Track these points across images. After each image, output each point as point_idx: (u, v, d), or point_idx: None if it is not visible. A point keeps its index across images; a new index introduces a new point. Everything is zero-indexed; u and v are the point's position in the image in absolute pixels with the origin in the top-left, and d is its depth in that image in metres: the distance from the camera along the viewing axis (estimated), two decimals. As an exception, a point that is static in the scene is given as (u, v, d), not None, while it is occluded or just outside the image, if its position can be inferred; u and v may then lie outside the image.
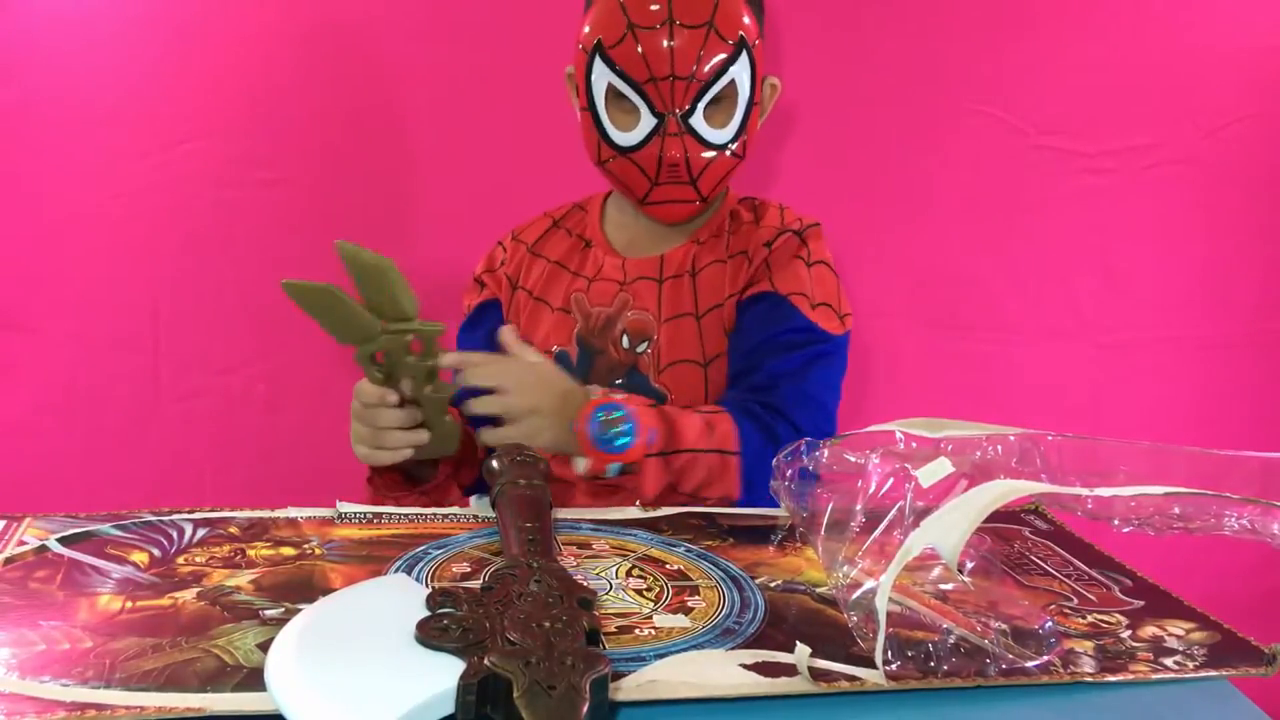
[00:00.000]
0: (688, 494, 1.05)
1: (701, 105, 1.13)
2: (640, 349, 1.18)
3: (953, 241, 1.60)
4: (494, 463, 0.90)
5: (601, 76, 1.14)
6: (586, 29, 1.15)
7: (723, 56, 1.12)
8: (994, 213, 1.60)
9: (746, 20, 1.14)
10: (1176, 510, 0.70)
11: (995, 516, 0.70)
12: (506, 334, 1.11)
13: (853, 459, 0.81)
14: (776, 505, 0.92)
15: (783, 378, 1.12)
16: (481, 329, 1.28)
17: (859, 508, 0.76)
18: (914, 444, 0.81)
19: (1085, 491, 0.71)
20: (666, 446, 1.04)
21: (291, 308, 1.28)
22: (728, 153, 1.16)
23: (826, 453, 0.83)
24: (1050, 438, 0.80)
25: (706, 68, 1.11)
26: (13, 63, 1.41)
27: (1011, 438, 0.80)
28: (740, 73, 1.13)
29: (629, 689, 0.62)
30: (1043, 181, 1.59)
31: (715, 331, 1.19)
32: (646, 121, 1.13)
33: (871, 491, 0.76)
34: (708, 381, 1.18)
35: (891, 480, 0.75)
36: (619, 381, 1.18)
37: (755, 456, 1.05)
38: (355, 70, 1.48)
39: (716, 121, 1.15)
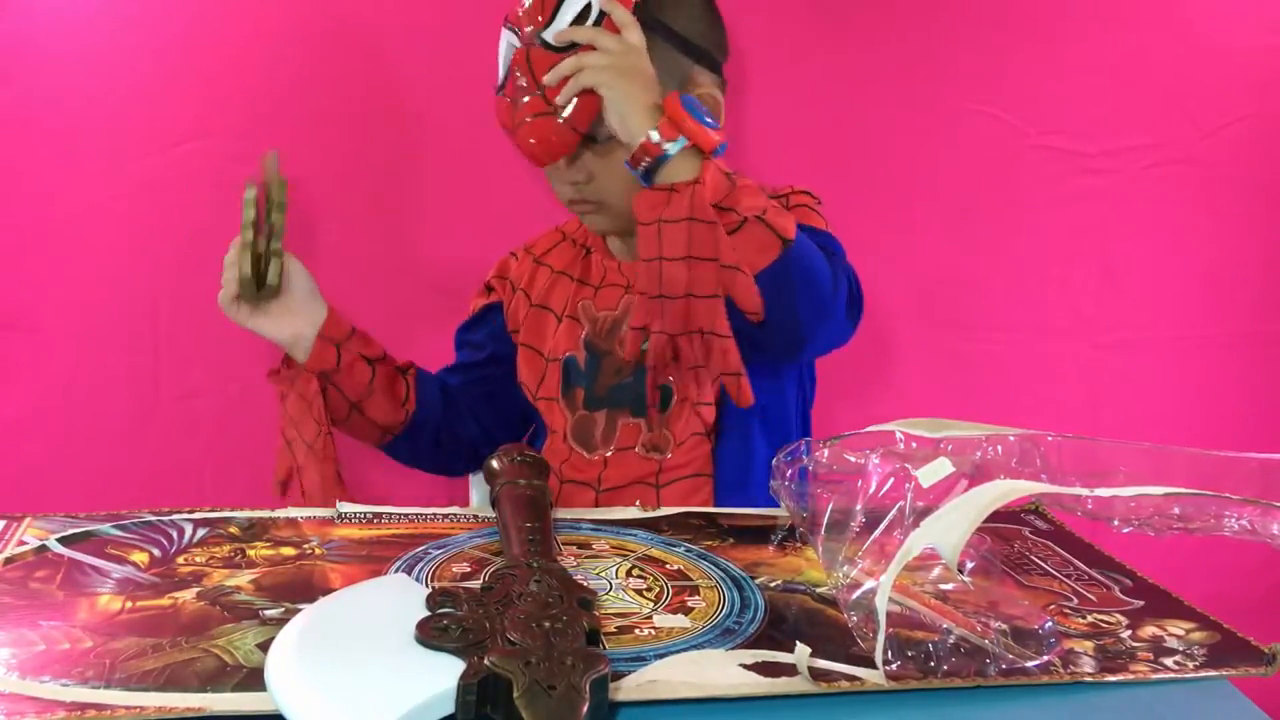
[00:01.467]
0: (739, 220, 0.95)
1: (557, 22, 1.04)
2: (645, 346, 1.17)
3: (952, 241, 1.60)
4: (494, 463, 0.91)
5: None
6: None
7: None
8: (994, 213, 1.60)
9: None
10: (1176, 511, 0.71)
11: (995, 516, 0.70)
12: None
13: (853, 459, 0.81)
14: (776, 505, 0.92)
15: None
16: (483, 329, 1.28)
17: (859, 508, 0.76)
18: (914, 444, 0.81)
19: (1085, 492, 0.71)
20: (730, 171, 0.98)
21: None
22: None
23: (826, 453, 0.83)
24: (1050, 438, 0.80)
25: None
26: (12, 63, 1.40)
27: (1011, 438, 0.80)
28: None
29: (629, 689, 0.63)
30: (1043, 181, 1.59)
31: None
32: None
33: (871, 492, 0.76)
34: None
35: (891, 480, 0.76)
36: (627, 381, 1.17)
37: (805, 243, 0.99)
38: (357, 70, 1.48)
39: None
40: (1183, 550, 1.20)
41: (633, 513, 0.95)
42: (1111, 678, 0.69)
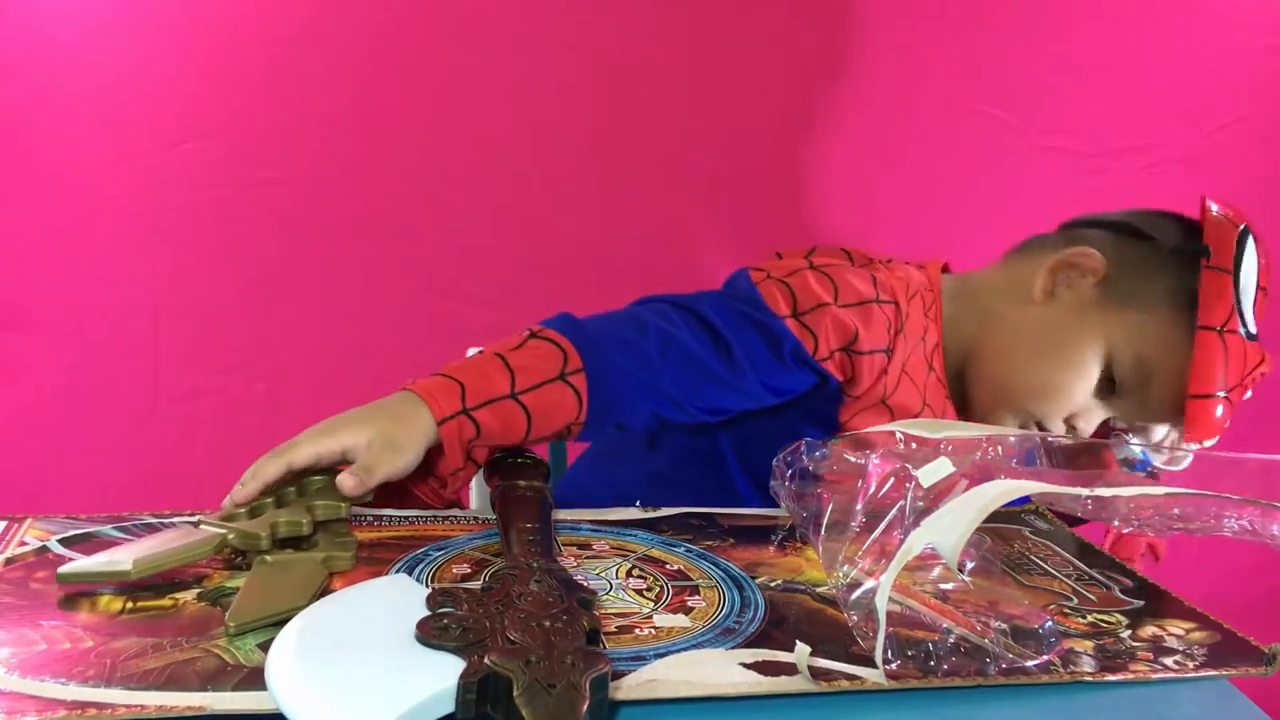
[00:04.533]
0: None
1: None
2: None
3: (953, 241, 1.60)
4: (494, 464, 0.91)
5: None
6: None
7: None
8: (994, 213, 1.60)
9: None
10: (1176, 511, 0.71)
11: (995, 516, 0.70)
12: None
13: (853, 459, 0.81)
14: (776, 505, 0.92)
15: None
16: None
17: (859, 508, 0.76)
18: (914, 444, 0.81)
19: (1085, 491, 0.71)
20: None
21: (291, 307, 1.28)
22: None
23: (827, 453, 0.83)
24: (1050, 439, 0.80)
25: None
26: (12, 62, 1.41)
27: (1011, 439, 0.80)
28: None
29: (629, 688, 0.63)
30: (1043, 181, 1.59)
31: None
32: None
33: (871, 491, 0.76)
34: None
35: (892, 480, 0.76)
36: None
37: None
38: (356, 70, 1.48)
39: None
40: (1185, 551, 1.20)
41: (633, 513, 0.95)
42: (1111, 677, 0.69)
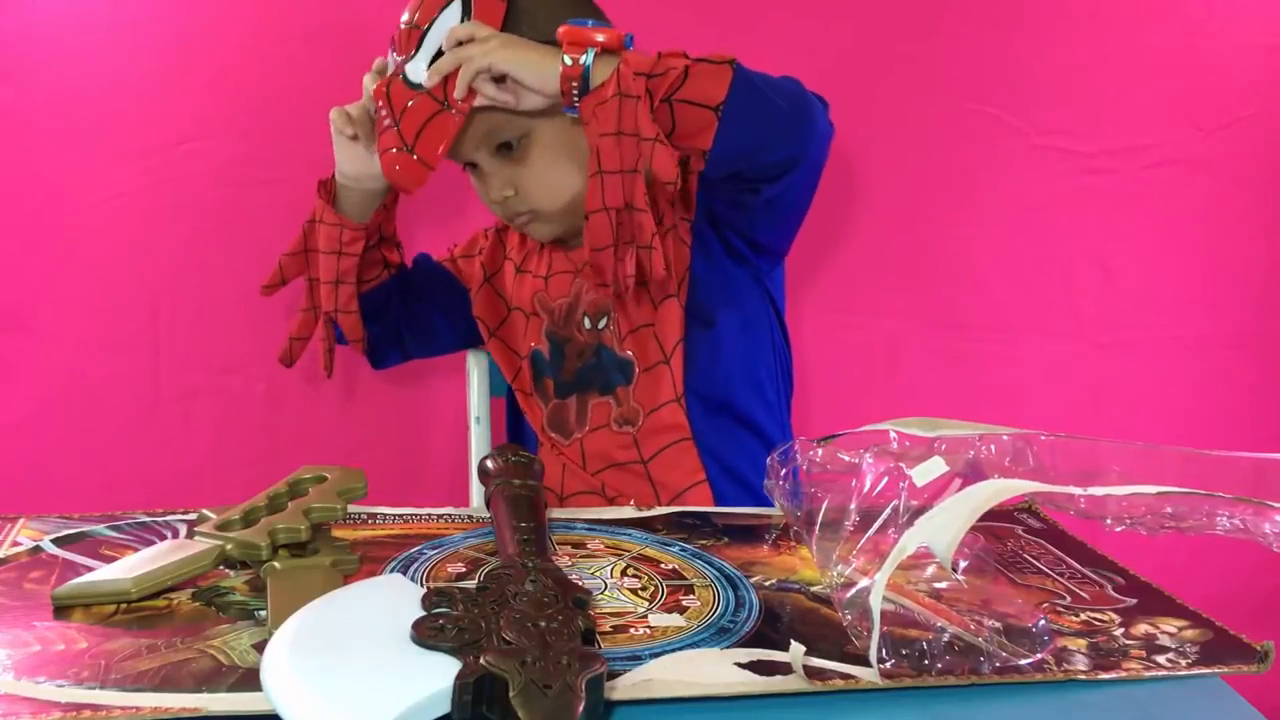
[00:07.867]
0: (680, 70, 0.96)
1: (422, 51, 1.07)
2: (602, 325, 1.19)
3: (953, 241, 1.60)
4: (489, 463, 0.91)
5: None
6: None
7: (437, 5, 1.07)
8: (994, 213, 1.60)
9: None
10: (1169, 510, 0.70)
11: (989, 515, 0.70)
12: None
13: (847, 458, 0.81)
14: (771, 504, 0.92)
15: None
16: (420, 273, 1.29)
17: (853, 507, 0.76)
18: (908, 443, 0.81)
19: (1078, 490, 0.71)
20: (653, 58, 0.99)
21: (291, 307, 1.28)
22: (430, 97, 1.06)
23: (820, 452, 0.83)
24: (1043, 437, 0.80)
25: (421, 14, 1.08)
26: (12, 63, 1.41)
27: (1005, 437, 0.80)
28: (449, 20, 1.06)
29: (624, 688, 0.63)
30: (1043, 181, 1.59)
31: (659, 289, 1.17)
32: None
33: (866, 490, 0.76)
34: (658, 338, 1.17)
35: (885, 479, 0.76)
36: (591, 361, 1.19)
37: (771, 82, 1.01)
38: (356, 70, 1.48)
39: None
40: (1183, 551, 1.20)
41: (628, 512, 0.95)
42: (1104, 675, 0.69)
